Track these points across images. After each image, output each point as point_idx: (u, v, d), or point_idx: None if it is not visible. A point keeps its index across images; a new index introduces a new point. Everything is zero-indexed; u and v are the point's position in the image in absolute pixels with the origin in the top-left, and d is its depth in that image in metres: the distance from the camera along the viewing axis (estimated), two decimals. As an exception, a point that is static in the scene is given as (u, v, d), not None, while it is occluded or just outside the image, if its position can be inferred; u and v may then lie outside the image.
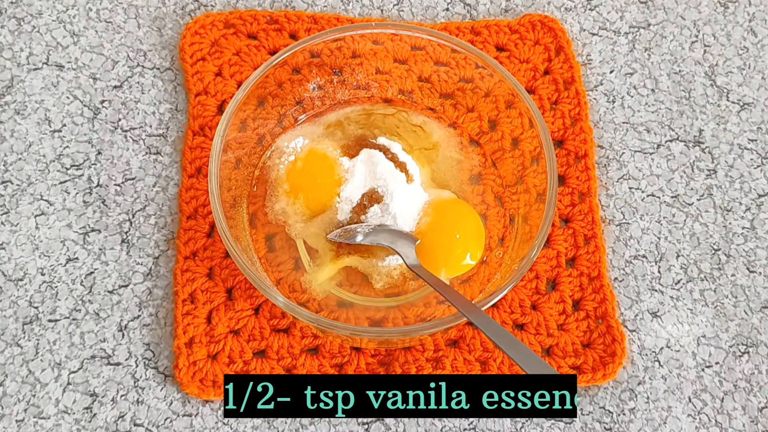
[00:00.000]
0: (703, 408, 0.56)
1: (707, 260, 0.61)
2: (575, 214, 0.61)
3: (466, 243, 0.57)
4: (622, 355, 0.56)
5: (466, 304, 0.48)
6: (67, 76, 0.64)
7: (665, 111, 0.66)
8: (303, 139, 0.59)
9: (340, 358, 0.56)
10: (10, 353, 0.55)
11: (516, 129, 0.59)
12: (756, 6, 0.70)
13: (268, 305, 0.57)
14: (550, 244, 0.60)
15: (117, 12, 0.67)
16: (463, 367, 0.55)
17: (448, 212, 0.57)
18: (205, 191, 0.60)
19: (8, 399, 0.54)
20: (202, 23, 0.66)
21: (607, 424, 0.55)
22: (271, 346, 0.56)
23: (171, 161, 0.62)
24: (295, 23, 0.66)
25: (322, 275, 0.56)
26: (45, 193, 0.60)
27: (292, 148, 0.58)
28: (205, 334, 0.56)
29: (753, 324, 0.59)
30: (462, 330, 0.57)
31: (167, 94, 0.64)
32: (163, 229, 0.60)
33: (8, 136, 0.62)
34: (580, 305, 0.58)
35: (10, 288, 0.57)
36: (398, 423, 0.55)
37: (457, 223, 0.57)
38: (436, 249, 0.55)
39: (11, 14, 0.66)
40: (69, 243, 0.59)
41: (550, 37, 0.67)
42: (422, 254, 0.55)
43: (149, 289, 0.58)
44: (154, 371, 0.55)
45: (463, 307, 0.48)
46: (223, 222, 0.51)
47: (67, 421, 0.54)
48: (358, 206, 0.56)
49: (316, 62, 0.60)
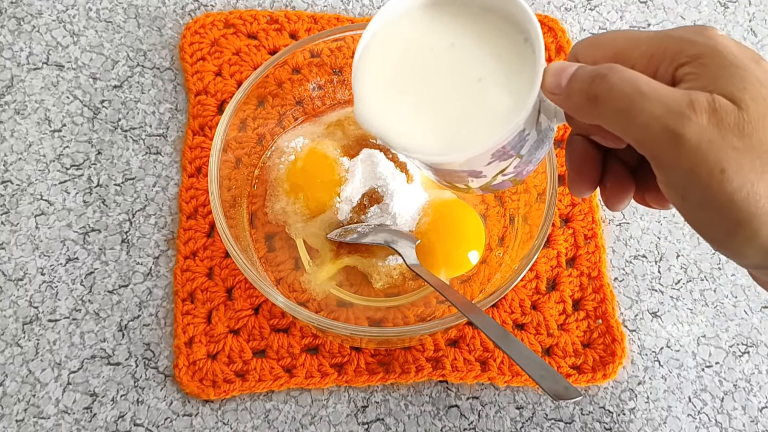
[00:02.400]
0: (703, 408, 0.56)
1: (707, 260, 0.61)
2: (575, 214, 0.61)
3: (467, 243, 0.57)
4: (622, 355, 0.56)
5: (466, 304, 0.48)
6: (67, 75, 0.64)
7: (665, 111, 0.66)
8: (303, 138, 0.59)
9: (340, 357, 0.56)
10: (10, 353, 0.55)
11: (516, 129, 0.59)
12: (756, 6, 0.70)
13: (267, 305, 0.57)
14: (550, 244, 0.60)
15: (117, 12, 0.67)
16: (463, 366, 0.55)
17: (449, 212, 0.57)
18: (205, 191, 0.60)
19: (8, 399, 0.54)
20: (202, 23, 0.66)
21: (607, 424, 0.55)
22: (271, 346, 0.56)
23: (171, 161, 0.62)
24: (295, 23, 0.66)
25: (322, 275, 0.56)
26: (45, 193, 0.60)
27: (292, 147, 0.58)
28: (204, 334, 0.56)
29: (753, 324, 0.59)
30: (462, 330, 0.57)
31: (167, 93, 0.64)
32: (163, 229, 0.60)
33: (8, 136, 0.62)
34: (580, 305, 0.58)
35: (10, 288, 0.57)
36: (398, 423, 0.55)
37: (458, 224, 0.57)
38: (437, 249, 0.55)
39: (11, 14, 0.66)
40: (69, 243, 0.59)
41: (551, 37, 0.67)
42: (423, 254, 0.55)
43: (149, 289, 0.58)
44: (154, 371, 0.55)
45: (463, 307, 0.47)
46: (223, 222, 0.51)
47: (67, 421, 0.54)
48: (358, 206, 0.56)
49: (316, 62, 0.60)
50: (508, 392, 0.56)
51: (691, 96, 0.32)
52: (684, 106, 0.32)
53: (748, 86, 0.32)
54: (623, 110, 0.33)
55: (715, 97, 0.32)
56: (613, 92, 0.33)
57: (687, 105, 0.32)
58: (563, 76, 0.35)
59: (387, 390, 0.56)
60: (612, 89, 0.33)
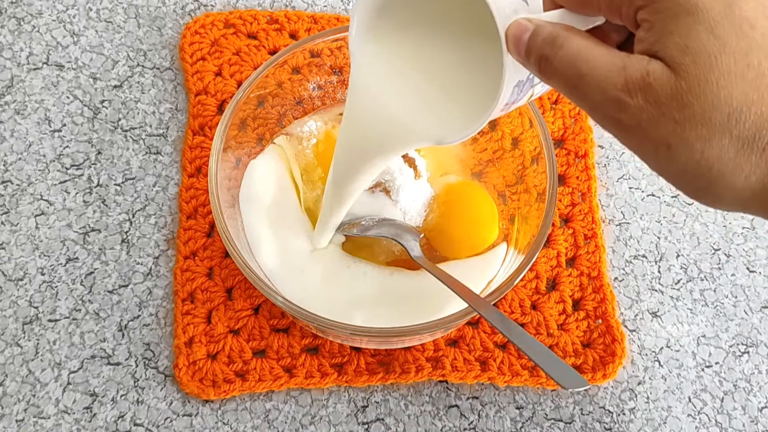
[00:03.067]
0: (703, 408, 0.56)
1: (707, 260, 0.61)
2: (575, 213, 0.61)
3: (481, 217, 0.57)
4: (622, 355, 0.56)
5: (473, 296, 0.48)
6: (67, 75, 0.64)
7: (665, 111, 0.66)
8: (315, 122, 0.59)
9: (340, 357, 0.56)
10: (10, 353, 0.55)
11: (516, 129, 0.59)
12: (756, 6, 0.70)
13: (267, 305, 0.57)
14: (550, 244, 0.60)
15: (117, 12, 0.67)
16: (463, 366, 0.55)
17: (459, 194, 0.58)
18: (205, 191, 0.60)
19: (8, 399, 0.54)
20: (202, 23, 0.66)
21: (607, 424, 0.55)
22: (271, 346, 0.56)
23: (171, 161, 0.62)
24: (295, 23, 0.66)
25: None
26: (45, 193, 0.60)
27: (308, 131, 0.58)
28: (204, 334, 0.56)
29: (753, 324, 0.59)
30: (462, 330, 0.57)
31: (167, 93, 0.64)
32: (163, 229, 0.60)
33: (8, 136, 0.62)
34: (580, 305, 0.58)
35: (10, 288, 0.57)
36: (398, 423, 0.55)
37: (471, 202, 0.58)
38: (455, 231, 0.56)
39: (11, 14, 0.66)
40: (69, 243, 0.59)
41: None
42: (442, 242, 0.55)
43: (149, 289, 0.58)
44: (154, 371, 0.55)
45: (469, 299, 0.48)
46: (223, 222, 0.51)
47: (67, 421, 0.54)
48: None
49: (316, 62, 0.60)
50: (508, 392, 0.56)
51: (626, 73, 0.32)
52: (619, 89, 0.32)
53: (691, 42, 0.31)
54: (569, 92, 0.34)
55: (649, 70, 0.31)
56: (557, 74, 0.34)
57: (622, 88, 0.32)
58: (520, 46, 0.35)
59: (387, 390, 0.56)
60: (556, 71, 0.34)
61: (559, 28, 0.34)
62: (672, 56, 0.31)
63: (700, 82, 0.30)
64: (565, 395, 0.56)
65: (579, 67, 0.33)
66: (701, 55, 0.31)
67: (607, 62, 0.32)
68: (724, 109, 0.30)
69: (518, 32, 0.35)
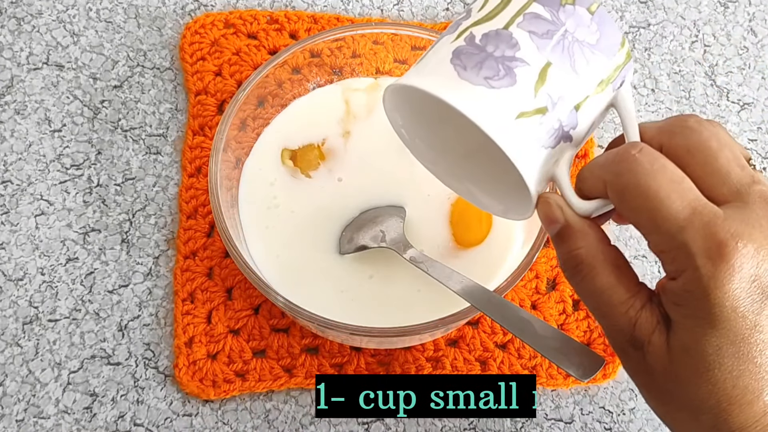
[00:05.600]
0: (703, 408, 0.56)
1: (707, 260, 0.61)
2: (575, 213, 0.61)
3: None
4: (622, 355, 0.56)
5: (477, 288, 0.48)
6: (67, 76, 0.64)
7: (665, 111, 0.66)
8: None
9: (339, 357, 0.56)
10: (10, 353, 0.55)
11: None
12: (756, 6, 0.70)
13: (267, 305, 0.57)
14: (550, 244, 0.60)
15: (117, 12, 0.67)
16: (463, 366, 0.55)
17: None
18: (205, 191, 0.60)
19: (8, 399, 0.54)
20: (202, 23, 0.66)
21: (607, 424, 0.55)
22: (271, 346, 0.56)
23: (171, 161, 0.62)
24: (295, 23, 0.66)
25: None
26: (45, 193, 0.60)
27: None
28: (204, 334, 0.56)
29: (753, 324, 0.59)
30: (462, 330, 0.57)
31: (167, 93, 0.64)
32: (163, 229, 0.60)
33: (8, 136, 0.62)
34: (580, 305, 0.58)
35: (10, 288, 0.57)
36: (398, 423, 0.55)
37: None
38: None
39: (11, 14, 0.66)
40: (69, 243, 0.59)
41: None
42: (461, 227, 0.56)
43: (149, 289, 0.58)
44: (154, 371, 0.55)
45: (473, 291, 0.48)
46: (223, 222, 0.51)
47: (67, 421, 0.54)
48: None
49: (316, 62, 0.60)
50: (508, 392, 0.56)
51: (635, 332, 0.35)
52: (626, 340, 0.35)
53: (699, 345, 0.33)
54: (596, 316, 0.37)
55: (651, 340, 0.34)
56: (577, 288, 0.37)
57: (629, 340, 0.35)
58: (549, 227, 0.38)
59: (387, 390, 0.56)
60: (576, 286, 0.37)
61: (588, 245, 0.37)
62: (678, 341, 0.34)
63: (689, 369, 0.33)
64: (565, 395, 0.56)
65: (597, 303, 0.36)
66: (701, 360, 0.33)
67: (623, 312, 0.35)
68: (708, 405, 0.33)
69: (549, 215, 0.38)
